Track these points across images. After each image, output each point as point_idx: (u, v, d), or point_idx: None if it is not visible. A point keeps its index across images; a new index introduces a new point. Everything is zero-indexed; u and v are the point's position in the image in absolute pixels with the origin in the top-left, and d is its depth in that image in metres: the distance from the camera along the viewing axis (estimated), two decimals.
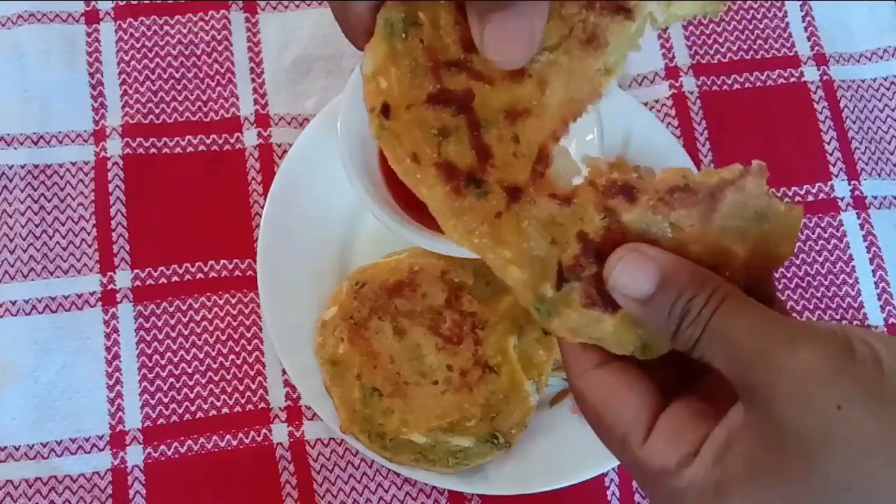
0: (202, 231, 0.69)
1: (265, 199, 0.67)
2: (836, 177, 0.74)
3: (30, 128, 0.71)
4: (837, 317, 0.71)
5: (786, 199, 0.73)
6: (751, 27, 0.78)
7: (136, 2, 0.75)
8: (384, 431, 0.61)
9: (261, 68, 0.74)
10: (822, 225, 0.73)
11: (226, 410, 0.66)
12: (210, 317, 0.68)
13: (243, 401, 0.66)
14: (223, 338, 0.67)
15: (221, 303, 0.68)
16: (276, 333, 0.64)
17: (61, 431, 0.64)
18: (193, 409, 0.66)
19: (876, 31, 0.79)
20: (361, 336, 0.63)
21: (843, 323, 0.70)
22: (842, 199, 0.73)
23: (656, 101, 0.75)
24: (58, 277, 0.68)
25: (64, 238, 0.69)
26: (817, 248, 0.72)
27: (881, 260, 0.72)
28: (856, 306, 0.71)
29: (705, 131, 0.74)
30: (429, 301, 0.64)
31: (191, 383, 0.66)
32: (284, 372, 0.66)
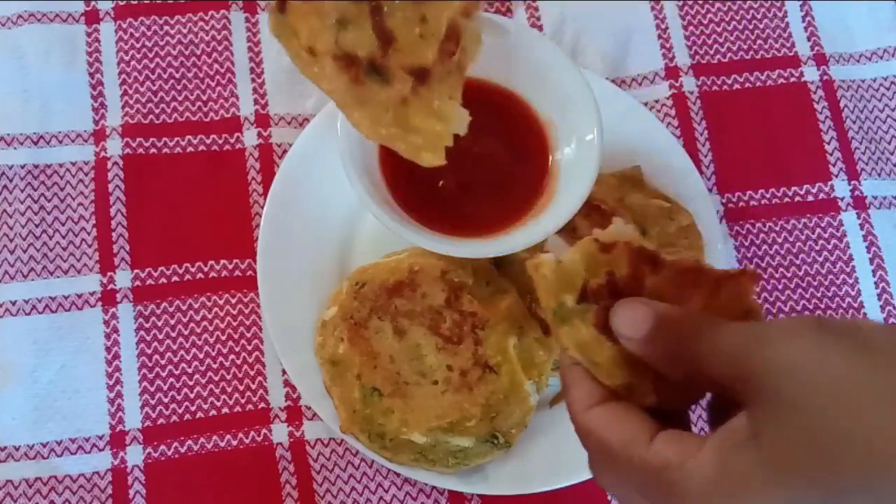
0: (202, 231, 0.69)
1: (265, 199, 0.67)
2: (836, 177, 0.74)
3: (30, 128, 0.71)
4: (837, 317, 0.71)
5: (785, 200, 0.73)
6: (751, 27, 0.78)
7: (136, 2, 0.75)
8: (384, 431, 0.61)
9: (261, 68, 0.74)
10: (822, 225, 0.73)
11: (226, 410, 0.66)
12: (210, 317, 0.68)
13: (243, 401, 0.66)
14: (223, 338, 0.67)
15: (221, 303, 0.68)
16: (276, 333, 0.64)
17: (61, 431, 0.64)
18: (193, 409, 0.66)
19: (876, 31, 0.79)
20: (361, 336, 0.63)
21: None
22: (842, 199, 0.73)
23: (656, 101, 0.75)
24: (58, 277, 0.68)
25: (64, 238, 0.69)
26: (817, 248, 0.72)
27: (881, 260, 0.72)
28: (856, 306, 0.71)
29: (705, 131, 0.74)
30: (429, 301, 0.64)
31: (191, 383, 0.66)
32: (284, 372, 0.66)
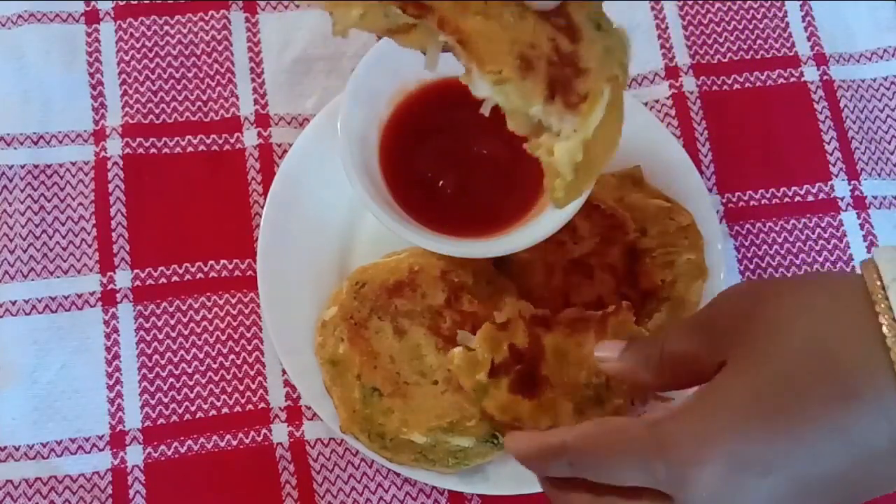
0: (202, 231, 0.69)
1: (265, 199, 0.67)
2: (836, 177, 0.74)
3: (30, 128, 0.71)
4: None
5: (785, 200, 0.73)
6: (751, 27, 0.78)
7: (136, 2, 0.75)
8: (384, 431, 0.61)
9: (261, 68, 0.74)
10: (822, 225, 0.73)
11: (226, 410, 0.66)
12: (210, 317, 0.68)
13: (243, 401, 0.66)
14: (223, 338, 0.67)
15: (221, 303, 0.68)
16: (276, 333, 0.64)
17: (61, 431, 0.64)
18: (193, 409, 0.66)
19: (876, 31, 0.79)
20: (361, 336, 0.63)
21: None
22: (842, 199, 0.73)
23: (656, 101, 0.75)
24: (58, 277, 0.68)
25: (64, 238, 0.69)
26: (817, 248, 0.72)
27: None
28: None
29: (705, 131, 0.74)
30: (429, 301, 0.64)
31: (191, 383, 0.66)
32: (284, 372, 0.66)
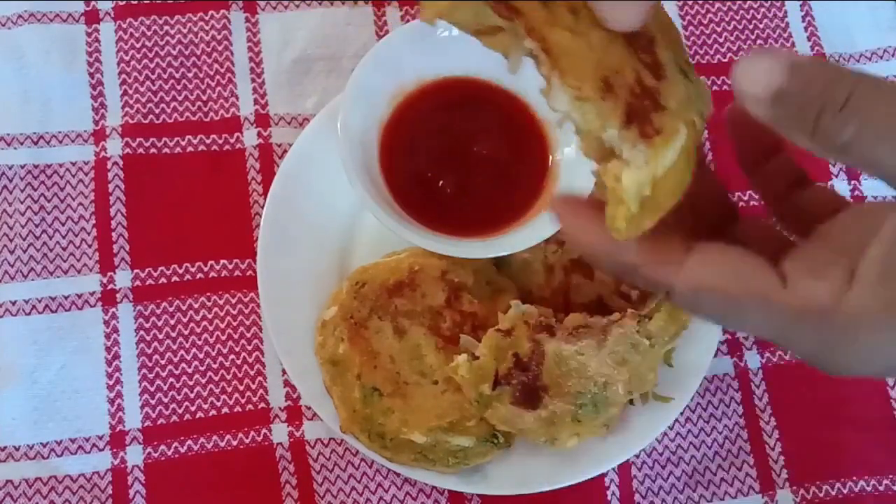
0: (202, 231, 0.69)
1: (265, 199, 0.67)
2: (836, 177, 0.74)
3: (30, 128, 0.71)
4: None
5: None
6: (751, 27, 0.78)
7: (136, 2, 0.75)
8: (384, 431, 0.61)
9: (261, 68, 0.74)
10: None
11: (226, 410, 0.66)
12: (210, 317, 0.68)
13: (243, 401, 0.66)
14: (223, 338, 0.67)
15: (221, 303, 0.68)
16: (276, 333, 0.64)
17: (61, 431, 0.64)
18: (193, 409, 0.66)
19: (876, 31, 0.79)
20: (361, 336, 0.63)
21: None
22: None
23: None
24: (58, 277, 0.68)
25: (64, 238, 0.69)
26: None
27: None
28: None
29: (705, 131, 0.74)
30: (429, 301, 0.64)
31: (191, 383, 0.66)
32: (284, 372, 0.66)
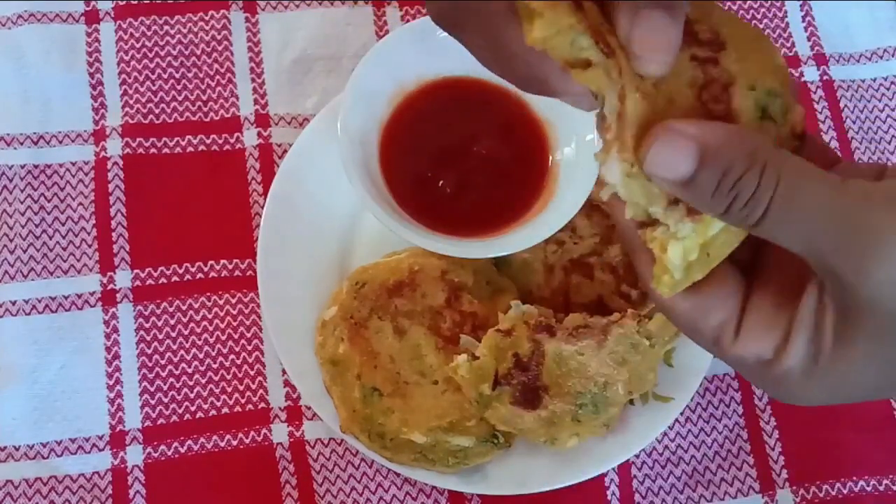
0: (202, 231, 0.69)
1: (265, 199, 0.67)
2: None
3: (30, 128, 0.71)
4: None
5: None
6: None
7: (136, 2, 0.75)
8: (384, 431, 0.61)
9: (261, 68, 0.74)
10: None
11: (226, 410, 0.66)
12: (210, 317, 0.68)
13: (243, 401, 0.66)
14: (223, 338, 0.67)
15: (221, 303, 0.68)
16: (276, 333, 0.64)
17: (61, 431, 0.64)
18: (193, 409, 0.66)
19: (876, 31, 0.79)
20: (361, 336, 0.63)
21: None
22: None
23: None
24: (58, 277, 0.68)
25: (64, 238, 0.69)
26: None
27: None
28: None
29: None
30: (429, 301, 0.64)
31: (191, 383, 0.66)
32: (284, 372, 0.66)
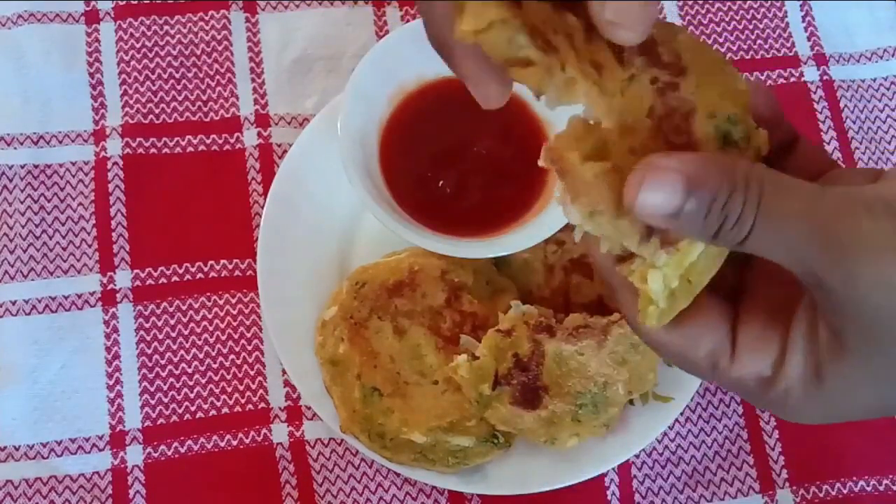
0: (202, 231, 0.69)
1: (265, 199, 0.67)
2: None
3: (30, 128, 0.71)
4: None
5: None
6: (751, 27, 0.78)
7: (136, 2, 0.75)
8: (384, 431, 0.61)
9: (261, 68, 0.74)
10: None
11: (226, 410, 0.66)
12: (210, 317, 0.68)
13: (243, 401, 0.66)
14: (223, 338, 0.67)
15: (221, 303, 0.68)
16: (276, 333, 0.64)
17: (61, 431, 0.64)
18: (193, 409, 0.66)
19: (876, 31, 0.79)
20: (361, 336, 0.63)
21: None
22: None
23: None
24: (58, 277, 0.68)
25: (64, 238, 0.69)
26: None
27: None
28: None
29: None
30: (429, 301, 0.64)
31: (191, 383, 0.66)
32: (284, 372, 0.66)
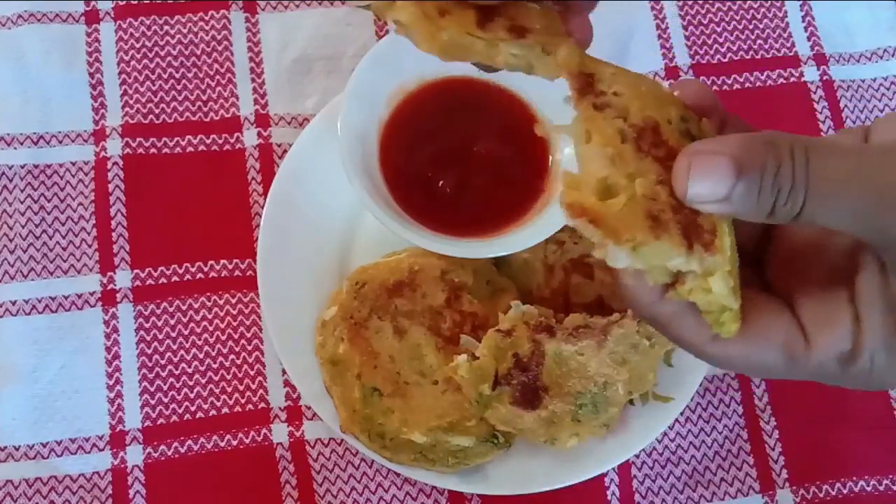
0: (202, 231, 0.69)
1: (265, 199, 0.67)
2: None
3: (30, 128, 0.71)
4: None
5: None
6: (751, 27, 0.78)
7: (136, 2, 0.75)
8: (384, 431, 0.61)
9: (261, 68, 0.74)
10: None
11: (226, 410, 0.66)
12: (210, 317, 0.68)
13: (243, 401, 0.66)
14: (223, 338, 0.67)
15: (221, 303, 0.68)
16: (276, 333, 0.64)
17: (61, 431, 0.64)
18: (193, 409, 0.66)
19: (876, 31, 0.79)
20: (361, 336, 0.63)
21: None
22: None
23: None
24: (58, 277, 0.68)
25: (64, 238, 0.69)
26: None
27: None
28: None
29: None
30: (429, 301, 0.64)
31: (191, 383, 0.66)
32: (284, 372, 0.66)
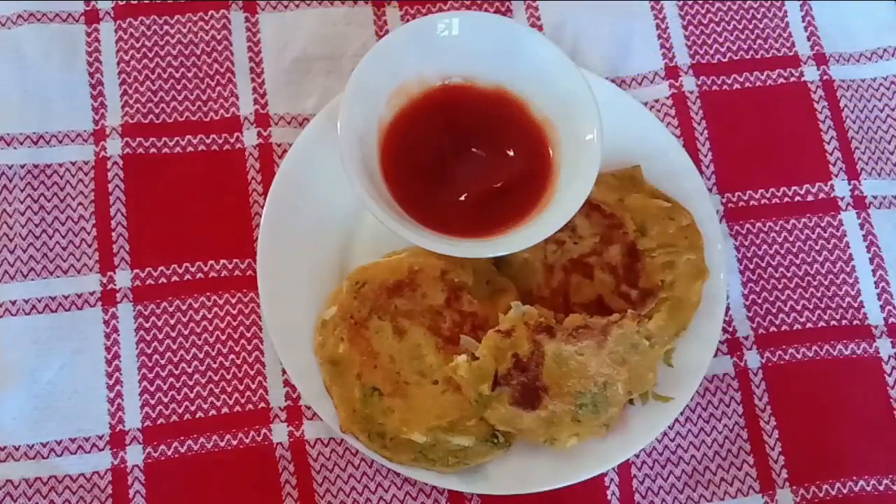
0: (202, 231, 0.69)
1: (265, 199, 0.67)
2: (836, 177, 0.74)
3: (30, 128, 0.71)
4: (837, 317, 0.71)
5: (785, 200, 0.73)
6: (750, 27, 0.78)
7: (136, 2, 0.75)
8: (384, 431, 0.61)
9: (261, 68, 0.74)
10: (822, 225, 0.73)
11: (226, 410, 0.66)
12: (210, 317, 0.68)
13: (243, 401, 0.66)
14: (223, 338, 0.67)
15: (221, 303, 0.68)
16: (276, 333, 0.64)
17: (61, 431, 0.64)
18: (193, 409, 0.66)
19: (876, 31, 0.79)
20: (361, 336, 0.63)
21: (843, 323, 0.70)
22: (842, 198, 0.73)
23: (656, 101, 0.75)
24: (58, 277, 0.68)
25: (64, 238, 0.69)
26: (817, 248, 0.72)
27: (881, 260, 0.72)
28: (856, 306, 0.71)
29: (705, 131, 0.74)
30: (429, 301, 0.64)
31: (191, 383, 0.66)
32: (284, 372, 0.66)
